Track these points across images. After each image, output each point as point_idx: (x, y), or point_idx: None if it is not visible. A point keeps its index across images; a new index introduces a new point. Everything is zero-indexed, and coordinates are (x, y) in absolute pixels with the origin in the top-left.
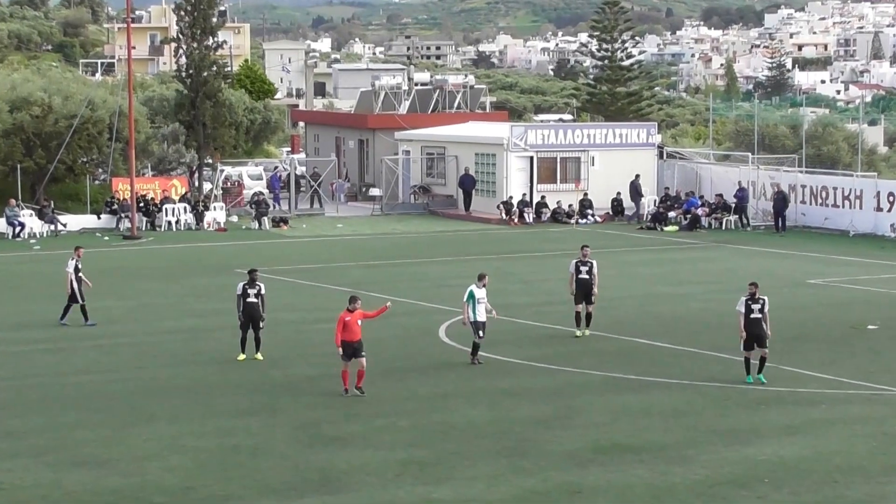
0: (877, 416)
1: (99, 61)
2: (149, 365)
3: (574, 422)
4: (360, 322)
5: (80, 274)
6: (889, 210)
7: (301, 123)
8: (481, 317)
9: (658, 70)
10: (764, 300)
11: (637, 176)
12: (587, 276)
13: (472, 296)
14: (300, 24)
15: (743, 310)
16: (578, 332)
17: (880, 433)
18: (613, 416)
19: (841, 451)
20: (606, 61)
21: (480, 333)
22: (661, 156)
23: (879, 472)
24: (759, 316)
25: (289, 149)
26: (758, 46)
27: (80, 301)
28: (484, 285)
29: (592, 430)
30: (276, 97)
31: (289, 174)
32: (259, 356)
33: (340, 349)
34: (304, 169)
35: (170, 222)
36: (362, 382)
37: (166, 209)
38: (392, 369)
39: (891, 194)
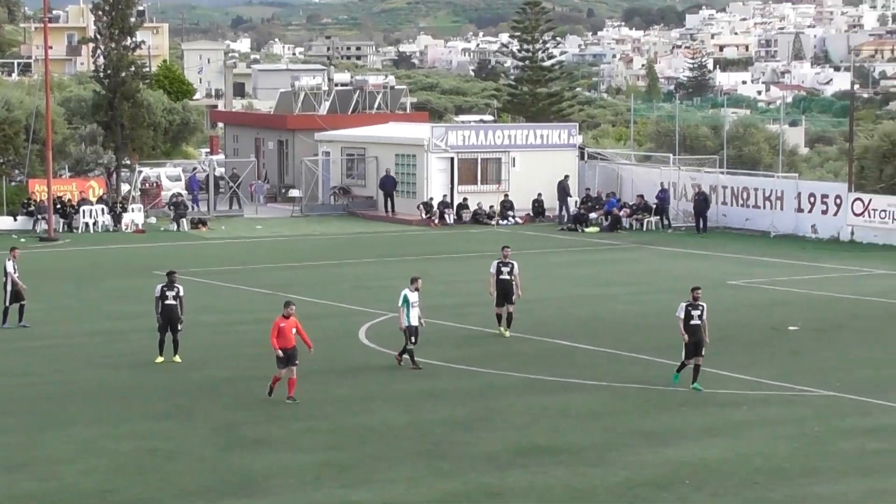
0: (798, 418)
1: (15, 61)
2: (65, 368)
3: (494, 424)
4: (294, 331)
5: (16, 276)
6: (810, 211)
7: (220, 124)
8: (415, 321)
9: (579, 70)
10: (703, 306)
11: (566, 177)
12: (508, 277)
13: (406, 300)
14: (219, 25)
15: (683, 315)
16: (500, 330)
17: (801, 434)
18: (533, 417)
19: (762, 453)
20: (527, 62)
21: (413, 339)
22: (582, 157)
23: (800, 474)
24: (699, 322)
25: (208, 150)
26: (679, 47)
27: (6, 304)
28: (417, 289)
29: (512, 432)
30: (195, 98)
31: (208, 175)
32: (177, 358)
33: (280, 352)
34: (223, 170)
35: (87, 224)
36: (294, 392)
37: (84, 211)
38: (312, 371)
39: (812, 195)
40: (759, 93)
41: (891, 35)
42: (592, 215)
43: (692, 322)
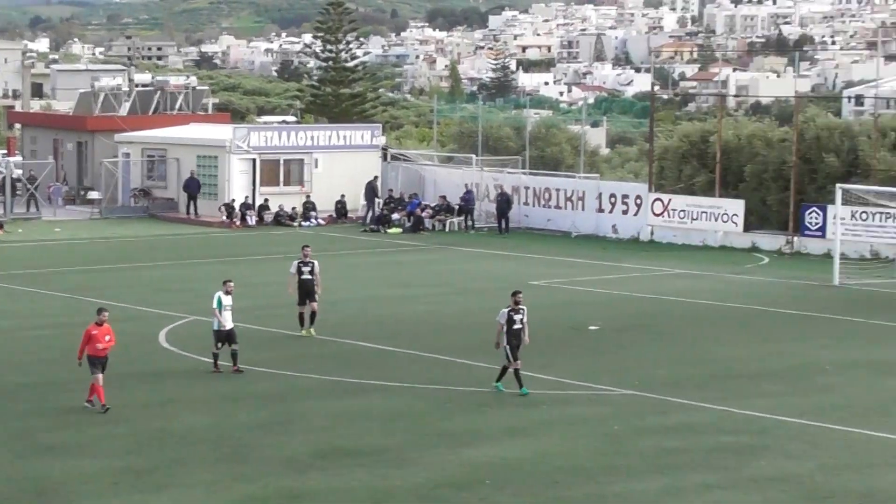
0: (598, 417)
1: None
2: None
3: (294, 426)
4: (107, 337)
5: None
6: (611, 211)
7: (17, 125)
8: (229, 324)
9: (383, 71)
10: (524, 309)
11: (375, 177)
12: (310, 277)
13: (220, 302)
14: (17, 24)
15: (504, 321)
16: (304, 332)
17: (601, 433)
18: (334, 420)
19: (562, 452)
20: (331, 62)
21: (219, 345)
22: (385, 157)
23: (600, 473)
24: (521, 326)
25: (4, 151)
26: (482, 48)
27: None
28: (228, 292)
29: (313, 434)
30: None
31: (4, 177)
32: None
33: (81, 362)
34: (20, 172)
35: None
36: (104, 399)
37: None
38: (110, 376)
39: (612, 196)
40: (562, 94)
41: (690, 37)
42: (395, 216)
43: (515, 326)
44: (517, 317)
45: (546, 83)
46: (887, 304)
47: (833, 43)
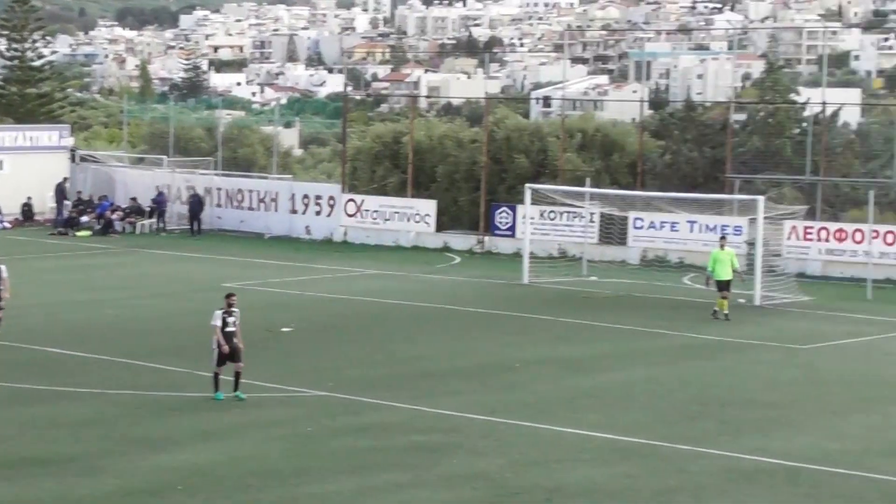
0: (290, 419)
1: None
2: None
3: None
4: None
5: None
6: (304, 212)
7: None
8: None
9: (71, 71)
10: (237, 312)
11: (65, 179)
12: None
13: None
14: None
15: (219, 323)
16: None
17: (294, 435)
18: (20, 428)
19: (255, 456)
20: (16, 62)
21: None
22: (73, 159)
23: (292, 475)
24: (235, 329)
25: None
26: (173, 48)
27: None
28: None
29: None
30: None
31: None
32: None
33: None
34: None
35: None
36: None
37: None
38: None
39: (305, 196)
40: (254, 94)
41: (382, 38)
42: (84, 219)
43: (228, 329)
44: (230, 319)
45: (238, 84)
46: (574, 301)
47: (521, 45)
